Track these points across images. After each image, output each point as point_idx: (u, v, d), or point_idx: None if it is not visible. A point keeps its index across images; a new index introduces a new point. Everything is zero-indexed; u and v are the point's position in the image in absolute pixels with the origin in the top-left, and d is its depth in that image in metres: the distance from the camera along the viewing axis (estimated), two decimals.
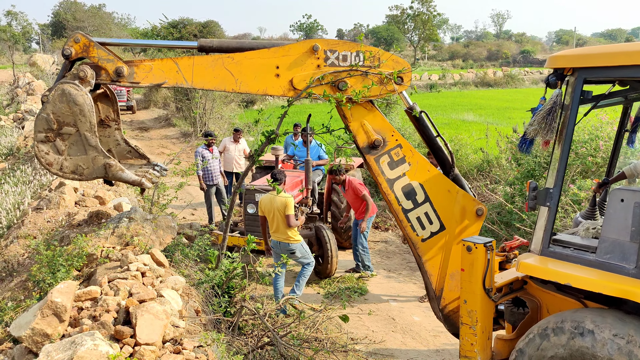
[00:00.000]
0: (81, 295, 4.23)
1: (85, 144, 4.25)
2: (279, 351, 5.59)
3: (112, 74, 4.27)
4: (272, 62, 4.37)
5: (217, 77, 4.37)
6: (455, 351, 6.52)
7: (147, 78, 4.33)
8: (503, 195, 9.85)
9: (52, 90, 4.15)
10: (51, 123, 4.19)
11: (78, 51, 4.27)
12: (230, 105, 24.17)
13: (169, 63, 4.36)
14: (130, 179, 4.39)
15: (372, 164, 4.67)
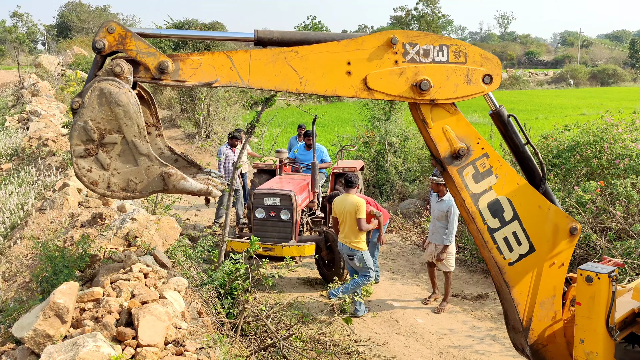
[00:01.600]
0: (84, 297, 4.22)
1: (134, 152, 3.52)
2: (282, 353, 5.58)
3: (154, 70, 3.55)
4: (343, 57, 3.76)
5: (278, 74, 3.73)
6: (459, 354, 6.50)
7: (194, 75, 3.65)
8: None
9: (87, 92, 3.44)
10: (90, 132, 3.45)
11: (112, 43, 3.54)
12: (234, 107, 24.22)
13: (221, 57, 3.67)
14: (195, 188, 3.64)
15: (455, 176, 4.03)
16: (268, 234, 7.99)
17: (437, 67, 3.81)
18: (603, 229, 7.80)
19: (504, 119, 4.22)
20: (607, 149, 8.50)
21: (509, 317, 4.39)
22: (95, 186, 3.55)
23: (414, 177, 14.68)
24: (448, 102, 3.91)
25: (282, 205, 7.96)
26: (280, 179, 8.93)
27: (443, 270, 7.65)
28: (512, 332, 4.46)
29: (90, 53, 43.79)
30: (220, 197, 8.67)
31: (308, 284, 8.53)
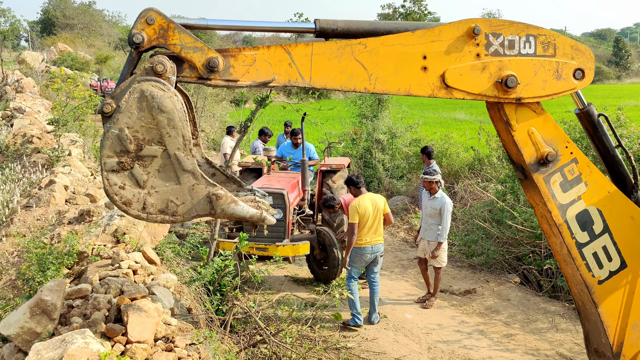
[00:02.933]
0: (71, 294, 4.19)
1: (177, 168, 2.99)
2: (272, 349, 5.58)
3: (201, 69, 3.05)
4: (418, 50, 3.29)
5: (344, 71, 3.26)
6: (447, 349, 6.54)
7: (248, 74, 3.15)
8: (494, 193, 9.88)
9: (124, 94, 2.93)
10: (126, 142, 2.91)
11: (152, 37, 3.00)
12: (221, 104, 24.13)
13: (278, 52, 3.19)
14: (247, 213, 3.11)
15: (541, 185, 3.60)
16: (260, 233, 7.92)
17: (523, 61, 3.39)
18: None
19: (593, 119, 3.74)
20: None
21: (592, 340, 3.93)
22: (129, 206, 3.01)
23: (402, 174, 14.73)
24: (535, 101, 3.50)
25: (275, 204, 7.86)
26: (270, 178, 8.77)
27: (435, 265, 7.66)
28: (595, 355, 3.97)
29: (76, 49, 43.48)
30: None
31: (296, 282, 8.53)
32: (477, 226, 9.42)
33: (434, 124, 24.83)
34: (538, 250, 8.24)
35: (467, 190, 12.01)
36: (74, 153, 9.77)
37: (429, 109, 30.67)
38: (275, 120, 22.53)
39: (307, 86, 3.25)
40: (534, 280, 8.23)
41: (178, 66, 3.06)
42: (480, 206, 10.11)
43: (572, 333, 6.82)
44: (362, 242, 6.91)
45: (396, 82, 3.33)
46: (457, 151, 13.44)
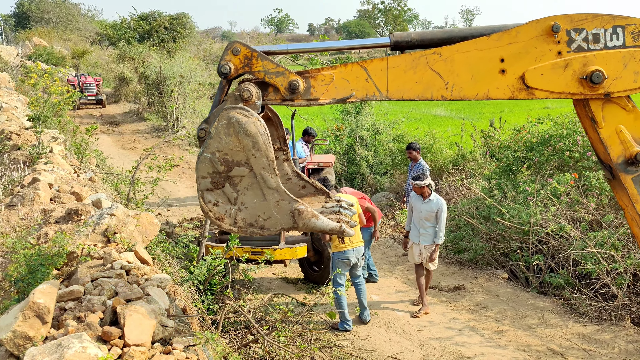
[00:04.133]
0: (63, 296, 4.08)
1: (263, 186, 3.28)
2: (266, 349, 5.52)
3: (284, 91, 3.30)
4: (495, 54, 3.26)
5: (420, 81, 3.32)
6: (440, 345, 6.54)
7: (328, 92, 3.36)
8: (481, 189, 9.92)
9: (214, 121, 3.25)
10: (217, 164, 3.26)
11: (238, 66, 3.32)
12: (202, 100, 23.90)
13: (355, 69, 3.33)
14: (327, 226, 3.31)
15: (629, 186, 3.45)
16: (254, 237, 7.69)
17: (611, 54, 3.24)
18: (576, 220, 7.95)
19: None
20: (580, 141, 8.66)
21: None
22: (222, 221, 3.36)
23: (385, 170, 14.73)
24: (624, 95, 3.38)
25: None
26: None
27: (429, 268, 7.47)
28: None
29: (52, 44, 42.69)
30: None
31: (286, 281, 8.46)
32: (464, 222, 9.45)
33: (415, 121, 24.89)
34: (525, 246, 8.29)
35: (451, 186, 12.06)
36: (55, 150, 9.56)
37: (409, 105, 30.74)
38: None
39: (384, 99, 3.34)
40: (522, 276, 8.28)
41: (263, 90, 3.34)
42: (467, 202, 10.15)
43: (561, 329, 6.87)
44: (343, 245, 6.75)
45: (474, 88, 3.33)
46: (441, 147, 13.47)
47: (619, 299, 6.96)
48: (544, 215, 7.89)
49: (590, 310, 7.11)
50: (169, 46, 33.67)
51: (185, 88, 21.58)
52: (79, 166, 9.59)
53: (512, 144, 9.82)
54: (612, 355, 6.24)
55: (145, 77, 24.34)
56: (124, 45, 33.50)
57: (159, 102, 23.07)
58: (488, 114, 27.96)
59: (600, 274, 7.08)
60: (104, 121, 24.83)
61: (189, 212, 11.89)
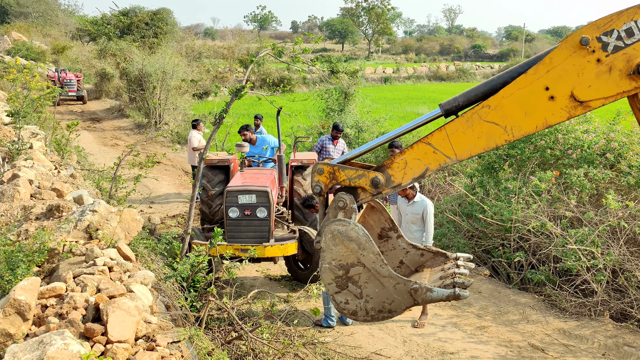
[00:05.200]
0: (45, 292, 4.03)
1: (378, 277, 3.69)
2: (249, 346, 5.51)
3: (370, 189, 3.69)
4: (538, 86, 3.37)
5: (481, 136, 3.50)
6: (423, 342, 6.58)
7: (406, 175, 3.65)
8: (464, 186, 9.99)
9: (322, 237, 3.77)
10: (336, 270, 3.77)
11: (326, 182, 3.80)
12: (184, 97, 23.75)
13: (421, 147, 3.58)
14: (443, 296, 3.60)
15: None
16: (243, 234, 7.45)
17: None
18: (557, 217, 8.04)
19: None
20: (561, 139, 8.76)
21: None
22: (356, 315, 3.76)
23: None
24: None
25: (259, 202, 7.42)
26: (245, 175, 8.30)
27: None
28: None
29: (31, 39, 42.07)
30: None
31: (269, 279, 8.45)
32: (447, 219, 9.52)
33: (398, 119, 24.99)
34: (507, 243, 8.37)
35: (434, 184, 12.14)
36: (35, 146, 9.44)
37: (392, 104, 30.86)
38: (240, 114, 22.30)
39: (456, 162, 3.58)
40: (504, 272, 8.36)
41: (354, 193, 3.75)
42: (450, 200, 10.21)
43: (542, 324, 6.95)
44: None
45: (531, 123, 3.43)
46: None
47: (598, 295, 7.07)
48: (525, 213, 7.97)
49: (570, 306, 7.21)
50: (150, 42, 33.38)
51: (167, 85, 21.42)
52: (59, 162, 9.48)
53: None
54: (591, 350, 6.34)
55: (127, 74, 24.11)
56: (105, 40, 33.16)
57: (141, 99, 22.87)
58: None
59: (580, 271, 7.17)
60: (84, 117, 24.56)
61: (171, 209, 11.82)
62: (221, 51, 44.80)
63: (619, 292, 7.21)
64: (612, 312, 7.03)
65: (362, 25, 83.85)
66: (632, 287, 7.00)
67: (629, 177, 8.02)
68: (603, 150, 8.53)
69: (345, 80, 17.03)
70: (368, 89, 37.38)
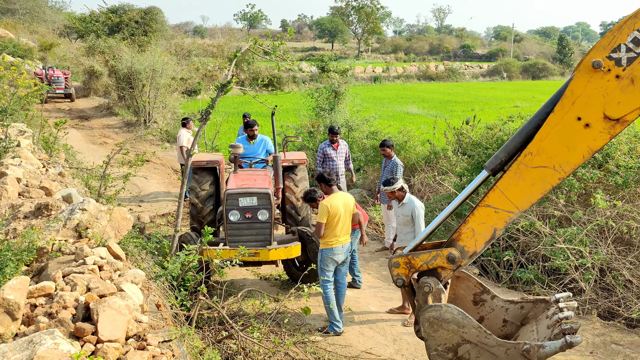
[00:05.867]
0: (34, 292, 3.99)
1: (487, 349, 3.77)
2: (240, 345, 5.50)
3: (448, 266, 3.81)
4: (570, 119, 3.42)
5: (534, 182, 3.57)
6: (413, 340, 6.60)
7: (478, 242, 3.76)
8: (453, 185, 10.03)
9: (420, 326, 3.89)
10: (445, 354, 3.85)
11: (406, 273, 3.94)
12: (173, 95, 23.66)
13: (482, 211, 3.70)
14: (556, 348, 3.65)
15: None
16: (244, 237, 7.20)
17: None
18: (546, 216, 8.10)
19: None
20: None
21: None
22: None
23: (358, 167, 14.77)
24: None
25: (260, 204, 7.20)
26: (242, 176, 8.03)
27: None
28: None
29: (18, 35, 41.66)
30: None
31: (260, 279, 8.44)
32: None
33: (388, 118, 25.05)
34: (496, 242, 8.42)
35: (423, 183, 12.17)
36: (23, 144, 9.34)
37: (382, 103, 30.93)
38: (229, 112, 22.25)
39: (521, 213, 3.80)
40: (493, 271, 8.41)
41: (436, 274, 3.84)
42: (440, 199, 10.25)
43: None
44: (333, 242, 6.67)
45: (577, 155, 3.50)
46: (414, 144, 13.57)
47: (586, 294, 7.13)
48: None
49: None
50: (139, 40, 33.19)
51: (157, 83, 21.32)
52: (47, 161, 9.40)
53: (484, 141, 9.95)
54: (579, 348, 6.38)
55: (116, 71, 23.97)
56: (93, 38, 32.93)
57: (130, 97, 22.74)
58: (459, 112, 28.32)
59: (568, 269, 7.23)
60: (72, 115, 24.38)
61: (161, 207, 11.77)
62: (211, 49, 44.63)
63: (607, 291, 7.27)
64: (600, 311, 7.09)
65: (352, 24, 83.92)
66: (619, 285, 7.07)
67: (616, 176, 8.08)
68: None
69: (336, 79, 17.02)
70: (357, 88, 37.34)
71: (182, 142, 12.20)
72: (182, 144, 12.14)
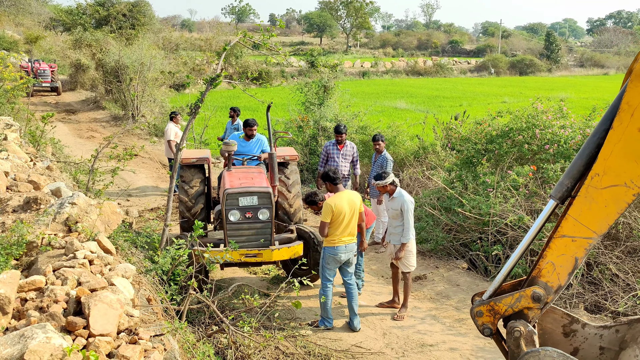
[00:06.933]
0: (24, 286, 3.96)
1: None
2: (231, 339, 5.50)
3: (535, 305, 3.68)
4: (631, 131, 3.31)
5: (607, 204, 3.44)
6: (402, 334, 6.65)
7: (561, 275, 3.62)
8: (442, 180, 10.08)
9: None
10: None
11: (492, 320, 3.82)
12: (161, 89, 23.52)
13: (559, 243, 3.58)
14: None
15: None
16: (245, 237, 7.05)
17: None
18: (534, 211, 8.17)
19: None
20: (538, 134, 8.88)
21: None
22: None
23: None
24: None
25: (261, 204, 7.03)
26: (238, 175, 7.76)
27: (402, 270, 7.12)
28: None
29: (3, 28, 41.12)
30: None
31: (250, 273, 8.44)
32: (425, 213, 9.60)
33: (377, 113, 25.10)
34: (485, 236, 8.49)
35: (412, 178, 12.22)
36: (10, 137, 9.25)
37: (371, 98, 30.93)
38: (218, 107, 22.16)
39: (600, 236, 3.51)
40: (481, 266, 8.47)
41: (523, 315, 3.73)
42: (429, 193, 10.30)
43: None
44: (336, 241, 6.55)
45: None
46: (403, 139, 13.62)
47: (573, 288, 7.21)
48: (503, 207, 8.09)
49: None
50: (127, 33, 32.93)
51: (145, 76, 21.18)
52: (35, 154, 9.32)
53: (472, 136, 10.01)
54: None
55: (103, 65, 23.78)
56: (80, 31, 32.61)
57: (117, 91, 22.57)
58: (448, 107, 28.42)
59: None
60: (59, 109, 24.15)
61: (149, 202, 11.72)
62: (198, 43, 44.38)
63: (594, 285, 7.35)
64: (587, 304, 7.17)
65: (341, 19, 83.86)
66: (606, 279, 7.15)
67: None
68: (579, 145, 8.68)
69: (326, 74, 17.01)
70: (346, 83, 37.37)
71: (169, 136, 12.15)
72: (170, 138, 12.10)
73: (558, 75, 62.86)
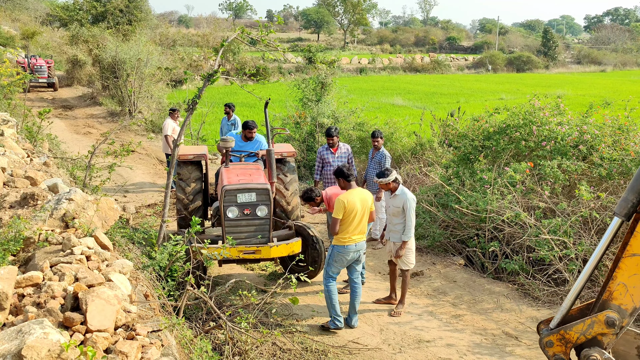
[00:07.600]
0: (21, 282, 3.96)
1: None
2: (228, 335, 5.51)
3: (609, 330, 3.51)
4: None
5: None
6: (399, 330, 6.66)
7: (634, 297, 3.47)
8: (440, 177, 10.10)
9: None
10: None
11: (563, 350, 3.68)
12: (158, 85, 23.47)
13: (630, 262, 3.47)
14: None
15: None
16: (243, 234, 7.04)
17: None
18: (531, 207, 8.19)
19: None
20: (535, 131, 8.90)
21: None
22: None
23: None
24: None
25: (259, 200, 7.01)
26: (236, 171, 7.70)
27: (402, 267, 7.11)
28: None
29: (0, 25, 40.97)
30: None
31: (247, 269, 8.44)
32: (423, 210, 9.61)
33: (375, 110, 25.09)
34: (482, 233, 8.51)
35: (410, 174, 12.24)
36: (7, 133, 9.22)
37: (368, 94, 30.94)
38: (215, 103, 22.12)
39: None
40: (478, 262, 8.49)
41: (597, 342, 3.58)
42: (426, 190, 10.32)
43: (516, 313, 7.09)
44: (346, 240, 6.49)
45: None
46: (400, 136, 13.63)
47: (570, 284, 7.23)
48: (500, 203, 8.10)
49: (543, 295, 7.37)
50: (124, 29, 32.84)
51: (142, 72, 21.13)
52: (32, 150, 9.29)
53: (470, 133, 10.01)
54: None
55: (100, 61, 23.73)
56: (77, 27, 32.52)
57: (114, 87, 22.52)
58: (445, 104, 28.45)
59: (553, 260, 7.33)
60: (56, 105, 24.10)
61: (147, 198, 11.70)
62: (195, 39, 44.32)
63: (590, 281, 7.37)
64: (583, 301, 7.19)
65: (338, 15, 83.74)
66: (602, 276, 7.17)
67: (600, 168, 8.20)
68: (576, 142, 8.70)
69: (324, 70, 17.00)
70: (344, 79, 37.33)
71: (166, 131, 12.15)
72: (167, 133, 12.09)
73: (555, 72, 62.92)
